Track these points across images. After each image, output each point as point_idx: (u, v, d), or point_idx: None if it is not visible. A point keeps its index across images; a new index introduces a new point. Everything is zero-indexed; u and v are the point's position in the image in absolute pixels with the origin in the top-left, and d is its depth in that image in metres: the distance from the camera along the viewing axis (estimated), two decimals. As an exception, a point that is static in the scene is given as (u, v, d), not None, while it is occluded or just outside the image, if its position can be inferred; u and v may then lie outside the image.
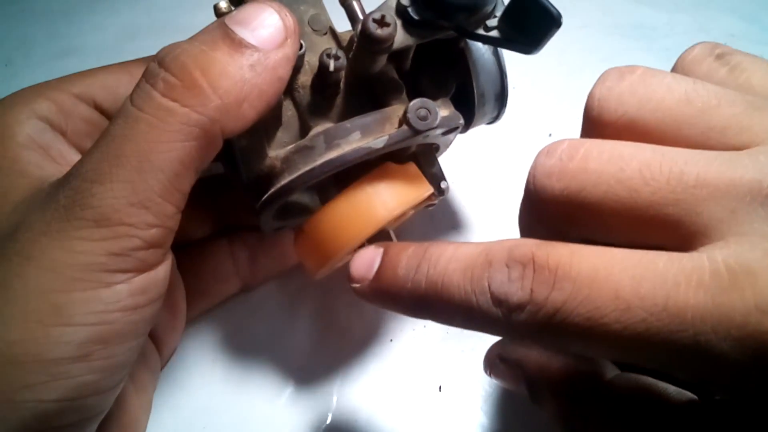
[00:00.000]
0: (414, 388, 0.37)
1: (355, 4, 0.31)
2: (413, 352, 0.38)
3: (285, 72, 0.26)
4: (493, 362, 0.31)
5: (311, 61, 0.30)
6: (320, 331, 0.39)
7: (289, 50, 0.26)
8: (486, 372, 0.31)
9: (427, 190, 0.31)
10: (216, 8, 0.31)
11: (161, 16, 0.52)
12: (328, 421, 0.37)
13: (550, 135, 0.45)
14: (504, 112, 0.35)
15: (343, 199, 0.29)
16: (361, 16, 0.31)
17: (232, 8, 0.31)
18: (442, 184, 0.33)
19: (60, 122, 0.30)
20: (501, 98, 0.34)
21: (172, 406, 0.37)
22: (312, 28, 0.31)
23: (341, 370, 0.38)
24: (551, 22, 0.24)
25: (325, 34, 0.31)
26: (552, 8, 0.24)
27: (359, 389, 0.37)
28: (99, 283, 0.24)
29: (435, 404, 0.37)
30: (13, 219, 0.25)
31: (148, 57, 0.34)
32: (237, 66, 0.25)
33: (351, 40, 0.30)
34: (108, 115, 0.31)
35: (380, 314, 0.39)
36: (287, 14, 0.26)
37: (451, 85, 0.33)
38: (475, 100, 0.33)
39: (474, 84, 0.33)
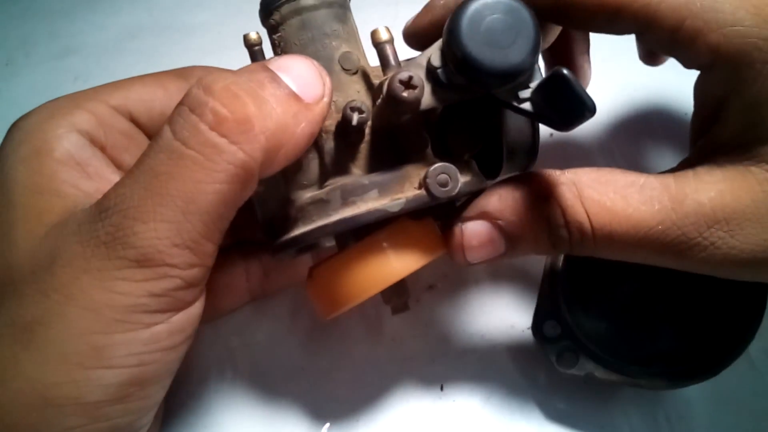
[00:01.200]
0: (416, 388, 0.37)
1: (388, 49, 0.30)
2: (415, 352, 0.38)
3: (318, 128, 0.27)
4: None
5: (337, 102, 0.29)
6: (321, 332, 0.39)
7: (325, 108, 0.27)
8: (456, 254, 0.30)
9: (442, 249, 0.31)
10: (246, 38, 0.30)
11: (162, 15, 0.52)
12: (329, 422, 0.37)
13: (551, 135, 0.45)
14: (533, 164, 0.33)
15: (357, 253, 0.29)
16: (392, 62, 0.30)
17: (262, 39, 0.31)
18: None
19: (99, 136, 0.29)
20: (531, 153, 0.32)
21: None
22: (342, 67, 0.30)
23: (342, 370, 0.38)
24: (584, 110, 0.24)
25: (355, 73, 0.30)
26: (586, 99, 0.23)
27: (360, 389, 0.37)
28: (139, 324, 0.23)
29: (437, 404, 0.37)
30: (47, 245, 0.25)
31: (179, 70, 0.33)
32: (283, 110, 0.25)
33: (380, 86, 0.29)
34: (143, 129, 0.31)
35: (382, 315, 0.39)
36: (325, 73, 0.27)
37: (479, 139, 0.32)
38: (503, 154, 0.32)
39: (504, 140, 0.32)
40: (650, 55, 0.41)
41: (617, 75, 0.47)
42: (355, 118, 0.27)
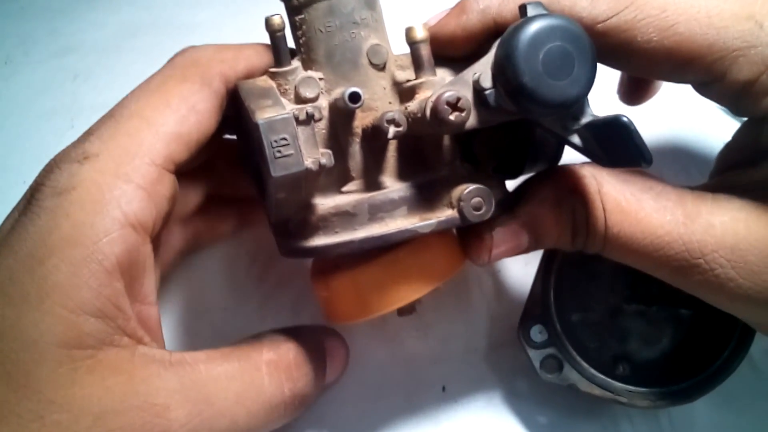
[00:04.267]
0: (418, 389, 0.37)
1: (423, 49, 0.27)
2: (417, 353, 0.38)
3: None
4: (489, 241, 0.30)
5: (363, 100, 0.27)
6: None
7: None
8: (481, 257, 0.30)
9: (462, 263, 0.31)
10: (269, 22, 0.28)
11: (162, 13, 0.52)
12: (330, 422, 0.36)
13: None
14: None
15: (380, 268, 0.29)
16: (427, 64, 0.28)
17: (285, 24, 0.28)
18: None
19: (149, 218, 0.27)
20: (554, 160, 0.32)
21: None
22: (370, 61, 0.28)
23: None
24: (640, 161, 0.23)
25: (383, 69, 0.29)
26: (645, 151, 0.23)
27: (361, 390, 0.37)
28: None
29: (439, 405, 0.37)
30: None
31: (195, 69, 0.30)
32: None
33: (412, 90, 0.28)
34: (181, 167, 0.29)
35: (385, 316, 0.39)
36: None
37: (506, 148, 0.31)
38: (527, 160, 0.31)
39: (531, 149, 0.31)
40: (633, 94, 0.38)
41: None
42: (392, 131, 0.26)
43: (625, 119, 0.23)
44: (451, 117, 0.24)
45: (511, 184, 0.32)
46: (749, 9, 0.26)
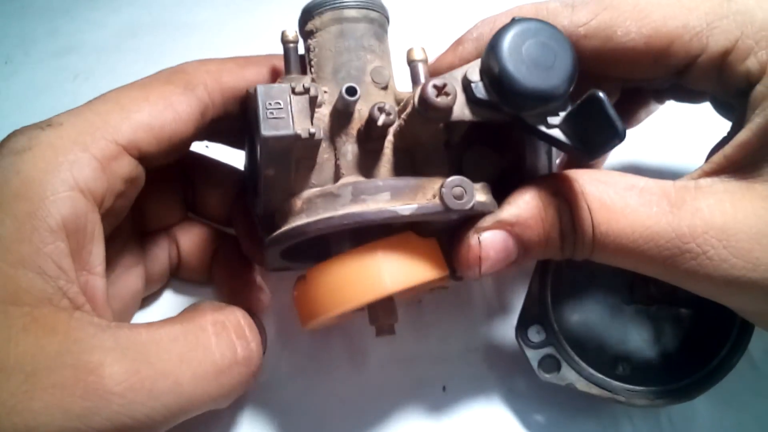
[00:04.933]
0: (418, 389, 0.37)
1: (421, 67, 0.30)
2: (417, 352, 0.38)
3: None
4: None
5: (362, 111, 0.29)
6: (325, 330, 0.39)
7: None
8: (471, 267, 0.29)
9: (442, 272, 0.29)
10: (284, 34, 0.30)
11: (162, 13, 0.52)
12: (332, 421, 0.37)
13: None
14: None
15: (351, 258, 0.28)
16: (423, 80, 0.30)
17: (298, 38, 0.31)
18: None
19: (99, 188, 0.27)
20: None
21: None
22: (372, 79, 0.30)
23: (344, 369, 0.38)
24: (614, 135, 0.24)
25: (384, 88, 0.30)
26: (618, 124, 0.24)
27: (362, 389, 0.37)
28: None
29: (439, 404, 0.37)
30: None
31: (182, 77, 0.31)
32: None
33: (407, 102, 0.28)
34: (149, 158, 0.29)
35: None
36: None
37: (496, 169, 0.31)
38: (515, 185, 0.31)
39: (522, 172, 0.31)
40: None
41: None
42: (382, 118, 0.27)
43: (599, 93, 0.24)
44: (437, 99, 0.26)
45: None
46: None
